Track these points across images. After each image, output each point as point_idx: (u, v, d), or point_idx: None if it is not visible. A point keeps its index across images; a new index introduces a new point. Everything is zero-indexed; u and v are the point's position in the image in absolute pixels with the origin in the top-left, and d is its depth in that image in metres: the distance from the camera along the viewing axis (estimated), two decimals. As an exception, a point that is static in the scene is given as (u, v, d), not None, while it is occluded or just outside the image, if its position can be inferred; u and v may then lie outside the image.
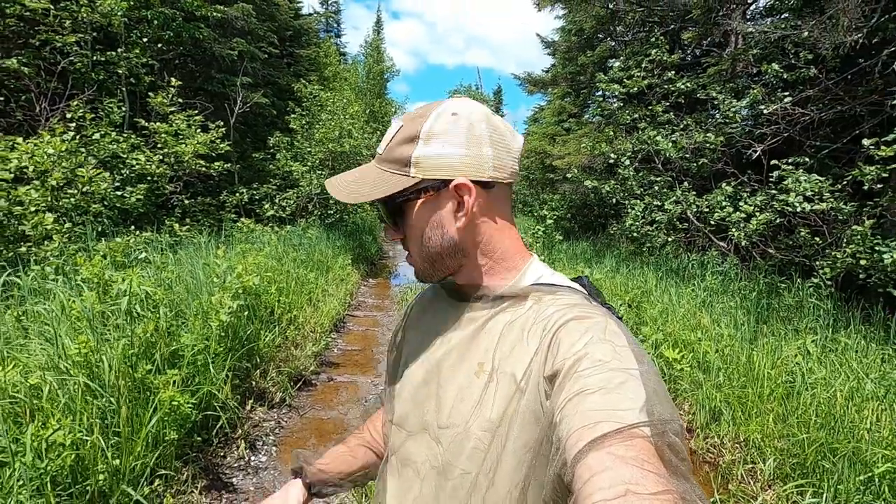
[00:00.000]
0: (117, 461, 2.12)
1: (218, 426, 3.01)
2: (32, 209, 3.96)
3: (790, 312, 4.56)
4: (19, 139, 4.42)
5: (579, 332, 0.57)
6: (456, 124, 0.66)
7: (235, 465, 2.98)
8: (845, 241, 4.52)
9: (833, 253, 4.63)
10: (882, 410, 2.83)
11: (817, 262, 4.84)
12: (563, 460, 0.47)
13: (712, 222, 6.20)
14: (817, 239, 4.88)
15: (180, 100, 6.75)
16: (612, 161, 7.73)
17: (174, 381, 2.52)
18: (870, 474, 2.42)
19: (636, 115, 7.50)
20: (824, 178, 4.76)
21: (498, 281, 0.70)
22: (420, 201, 0.67)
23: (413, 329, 0.82)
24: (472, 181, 0.65)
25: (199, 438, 2.86)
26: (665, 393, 0.51)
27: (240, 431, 3.22)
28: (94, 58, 6.05)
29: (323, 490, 0.91)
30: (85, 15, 5.77)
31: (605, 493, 0.41)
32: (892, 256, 3.99)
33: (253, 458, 3.09)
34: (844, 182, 4.69)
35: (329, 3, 27.11)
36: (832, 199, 4.65)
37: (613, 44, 11.31)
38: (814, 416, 2.99)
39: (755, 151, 6.09)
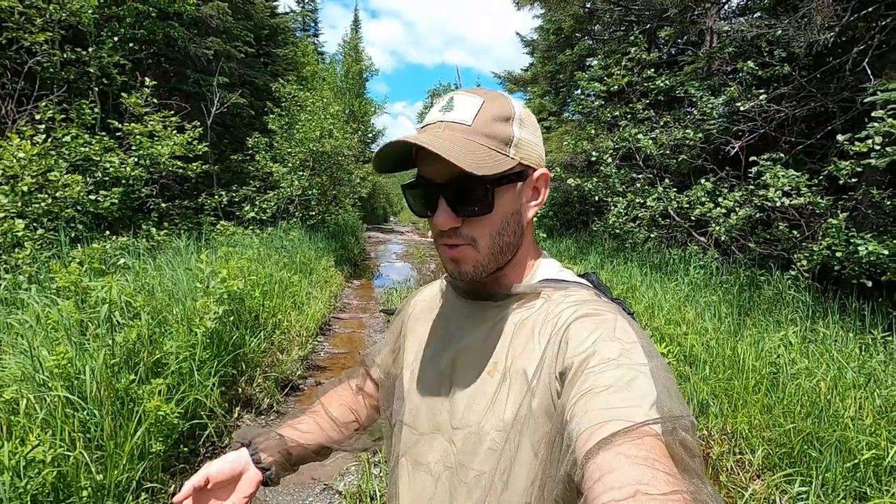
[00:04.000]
0: (101, 476, 2.04)
1: (205, 435, 2.93)
2: (1, 215, 3.79)
3: (771, 304, 4.67)
4: (-15, 142, 4.23)
5: (588, 330, 0.56)
6: (530, 115, 0.67)
7: (224, 474, 2.90)
8: (821, 234, 4.65)
9: (810, 246, 4.75)
10: (864, 398, 2.91)
11: (795, 255, 4.96)
12: (572, 460, 0.47)
13: (693, 218, 6.31)
14: (795, 232, 5.00)
15: (155, 100, 6.56)
16: (593, 158, 7.81)
17: (159, 391, 2.44)
18: (855, 461, 2.49)
19: (616, 113, 7.58)
20: (801, 173, 4.88)
21: (512, 279, 0.69)
22: (510, 185, 0.62)
23: (419, 327, 0.80)
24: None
25: (185, 449, 2.77)
26: (675, 388, 0.50)
27: (227, 440, 3.14)
28: (64, 56, 5.83)
29: (292, 466, 0.85)
30: (54, 12, 5.55)
31: (614, 493, 0.40)
32: (866, 248, 4.11)
33: (242, 466, 3.02)
34: (821, 177, 4.81)
35: (306, 1, 26.77)
36: (809, 194, 4.77)
37: (591, 42, 11.43)
38: (798, 406, 3.06)
39: (733, 148, 6.22)
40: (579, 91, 9.42)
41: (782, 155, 5.30)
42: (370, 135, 26.37)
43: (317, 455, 0.88)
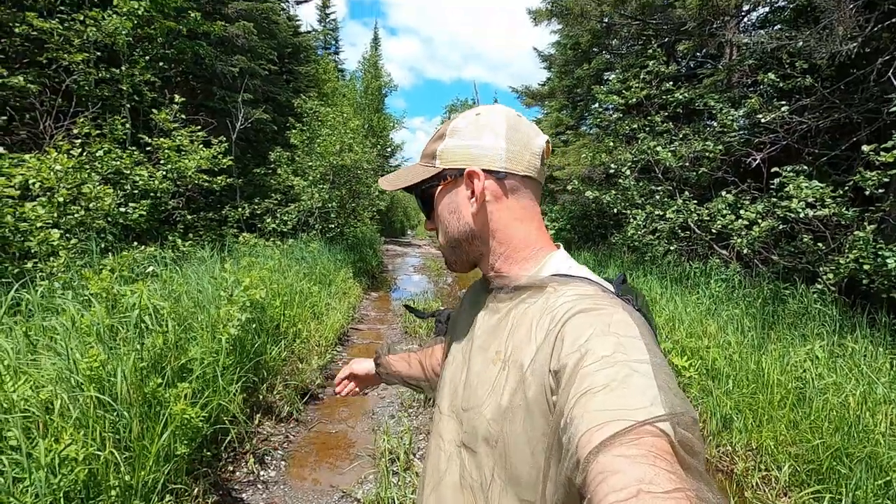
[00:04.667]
0: (129, 476, 2.10)
1: (227, 440, 2.98)
2: (39, 225, 3.95)
3: (796, 318, 4.56)
4: (26, 156, 4.43)
5: (584, 326, 0.56)
6: (476, 122, 0.74)
7: (245, 480, 2.94)
8: (848, 246, 4.54)
9: (836, 258, 4.64)
10: (896, 414, 2.82)
11: (821, 268, 4.85)
12: (573, 463, 0.47)
13: (713, 230, 6.23)
14: (820, 245, 4.90)
15: (183, 116, 6.78)
16: (611, 171, 7.79)
17: (185, 395, 2.50)
18: (887, 478, 2.41)
19: (635, 126, 7.57)
20: (825, 185, 4.80)
21: (518, 271, 0.72)
22: (440, 188, 0.75)
23: (460, 317, 0.87)
24: (484, 170, 0.71)
25: (208, 453, 2.82)
26: (675, 384, 0.50)
27: (248, 446, 3.19)
28: (99, 75, 6.09)
29: (385, 377, 1.20)
30: (90, 34, 5.82)
31: (617, 494, 0.40)
32: (895, 261, 4.01)
33: (262, 472, 3.06)
34: (846, 188, 4.72)
35: (327, 20, 27.45)
36: (834, 205, 4.68)
37: (609, 57, 11.47)
38: (826, 422, 2.98)
39: (755, 160, 6.15)
40: (597, 104, 9.44)
41: (805, 167, 5.22)
42: (389, 149, 26.74)
43: (406, 382, 1.17)
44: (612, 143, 8.05)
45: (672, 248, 6.85)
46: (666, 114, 7.38)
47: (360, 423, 3.85)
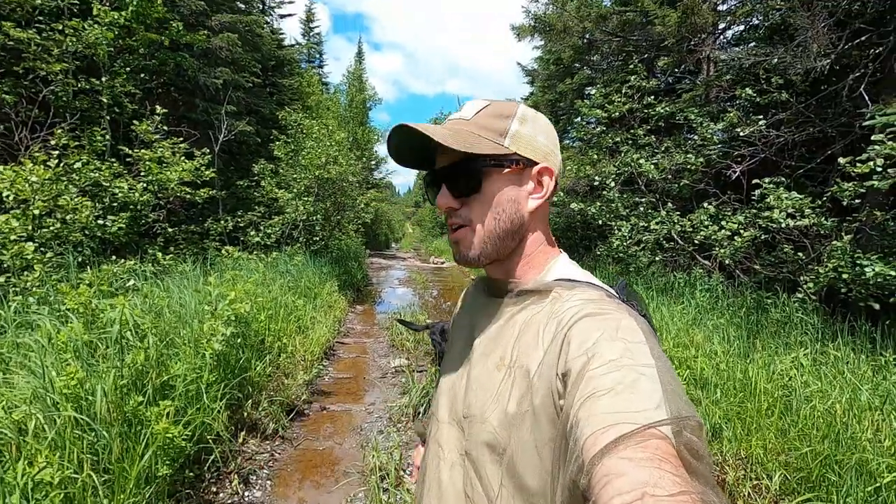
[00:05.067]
0: (108, 500, 2.00)
1: (210, 460, 2.88)
2: (12, 238, 3.82)
3: (779, 327, 4.63)
4: (0, 166, 4.29)
5: (591, 330, 0.56)
6: (537, 119, 0.72)
7: (229, 501, 2.84)
8: (826, 255, 4.65)
9: (816, 268, 4.75)
10: (882, 420, 2.86)
11: (801, 277, 4.96)
12: (578, 466, 0.46)
13: (696, 241, 6.33)
14: (800, 254, 5.01)
15: (165, 128, 6.68)
16: (596, 183, 7.89)
17: (167, 413, 2.41)
18: (876, 485, 2.43)
19: (618, 139, 7.70)
20: (804, 196, 4.92)
21: (526, 276, 0.72)
22: (505, 171, 0.68)
23: (457, 322, 0.85)
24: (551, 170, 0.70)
25: (191, 474, 2.72)
26: (681, 389, 0.50)
27: (233, 465, 3.09)
28: (78, 86, 5.97)
29: None
30: (70, 44, 5.72)
31: (622, 498, 0.40)
32: (873, 269, 4.11)
33: (247, 493, 2.96)
34: (824, 199, 4.85)
35: (311, 34, 27.52)
36: (813, 215, 4.80)
37: (591, 72, 11.71)
38: (814, 429, 3.00)
39: (734, 172, 6.29)
40: (580, 118, 9.59)
41: (783, 179, 5.36)
42: (374, 162, 26.74)
43: None
44: (596, 156, 8.17)
45: (656, 258, 6.94)
46: (648, 127, 7.53)
47: (348, 440, 3.76)
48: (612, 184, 7.48)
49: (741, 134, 6.01)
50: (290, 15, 26.17)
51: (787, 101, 5.76)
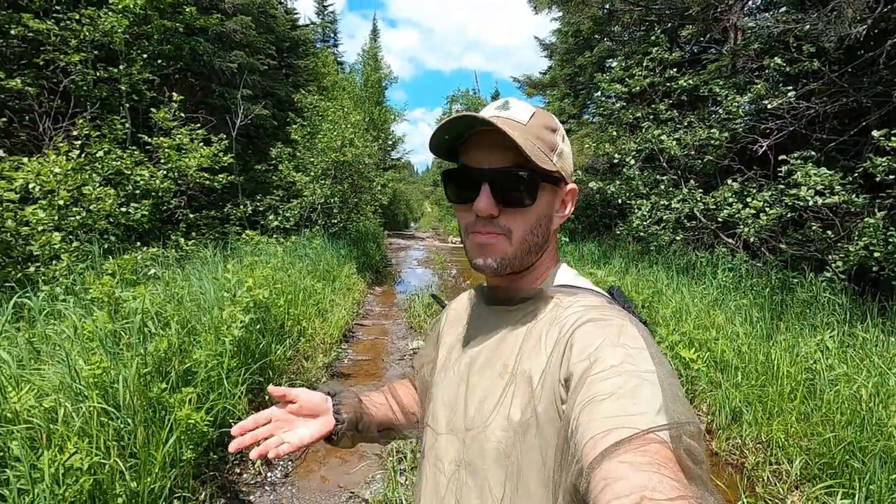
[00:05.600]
0: (135, 483, 2.09)
1: (233, 443, 2.97)
2: (40, 229, 3.94)
3: (805, 308, 4.51)
4: (24, 159, 4.40)
5: (593, 336, 0.57)
6: (565, 137, 0.72)
7: (252, 482, 2.94)
8: (857, 233, 4.47)
9: (845, 246, 4.57)
10: (910, 406, 2.78)
11: (830, 256, 4.79)
12: (578, 469, 0.47)
13: (720, 219, 6.16)
14: (829, 233, 4.83)
15: (182, 114, 6.74)
16: (615, 161, 7.70)
17: (189, 399, 2.49)
18: (902, 472, 2.37)
19: (638, 114, 7.47)
20: (834, 171, 4.71)
21: (529, 285, 0.72)
22: (549, 187, 0.67)
23: (449, 333, 0.84)
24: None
25: (215, 456, 2.82)
26: (681, 395, 0.51)
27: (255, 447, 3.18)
28: (97, 75, 6.05)
29: (358, 432, 0.83)
30: (87, 34, 5.77)
31: (620, 501, 0.40)
32: (907, 248, 3.94)
33: (269, 474, 3.05)
34: (856, 174, 4.64)
35: (325, 13, 27.20)
36: (843, 192, 4.60)
37: (611, 44, 11.32)
38: (838, 414, 2.94)
39: (761, 147, 6.05)
40: (599, 93, 9.32)
41: (813, 153, 5.14)
42: (391, 142, 26.60)
43: (378, 432, 0.89)
44: (615, 133, 7.95)
45: (678, 237, 6.79)
46: (670, 101, 7.28)
47: (367, 422, 3.84)
48: (632, 161, 7.29)
49: (769, 106, 5.75)
50: (303, -7, 25.85)
51: (819, 71, 5.47)
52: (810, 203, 4.72)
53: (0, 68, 5.11)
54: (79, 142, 5.16)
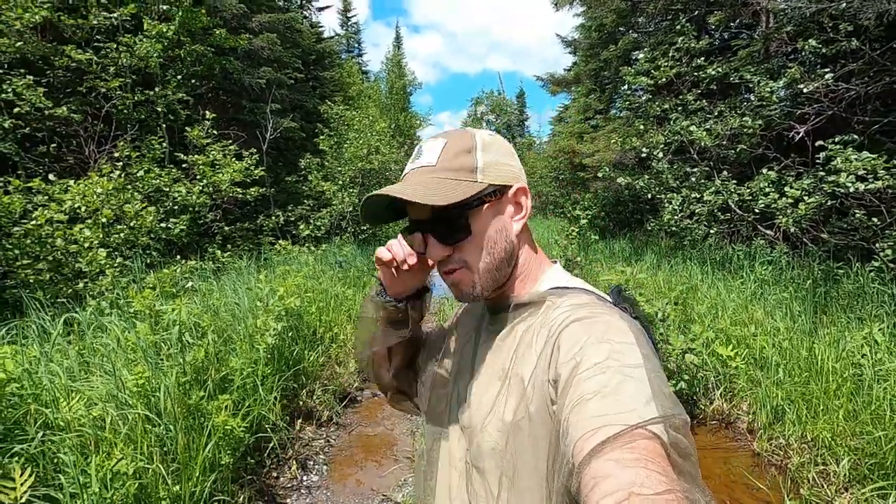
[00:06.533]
0: (177, 487, 2.19)
1: (270, 447, 3.07)
2: (86, 246, 4.18)
3: (851, 300, 4.29)
4: (71, 181, 4.68)
5: (578, 335, 0.57)
6: (497, 141, 0.72)
7: (289, 485, 3.02)
8: (906, 219, 4.23)
9: (894, 233, 4.33)
10: (968, 402, 2.61)
11: (877, 245, 4.54)
12: (568, 470, 0.48)
13: (756, 210, 5.93)
14: (875, 220, 4.58)
15: (215, 131, 7.02)
16: (644, 155, 7.53)
17: (226, 406, 2.59)
18: (960, 473, 2.23)
19: (666, 106, 7.28)
20: (877, 155, 4.47)
21: (523, 290, 0.73)
22: (486, 206, 0.68)
23: (457, 331, 0.87)
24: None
25: (252, 461, 2.92)
26: (668, 388, 0.51)
27: (290, 452, 3.28)
28: (135, 98, 6.38)
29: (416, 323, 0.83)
30: (124, 60, 6.09)
31: (609, 499, 0.41)
32: (962, 233, 3.70)
33: (305, 477, 3.13)
34: (901, 157, 4.39)
35: (349, 24, 27.74)
36: (888, 177, 4.36)
37: (636, 36, 11.08)
38: (889, 412, 2.78)
39: (797, 133, 5.80)
40: (626, 87, 9.14)
41: (855, 136, 4.88)
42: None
43: (409, 341, 0.85)
44: (642, 126, 7.78)
45: (712, 231, 6.57)
46: (699, 91, 7.06)
47: (399, 425, 3.89)
48: (661, 154, 7.11)
49: (804, 91, 5.50)
50: (327, 7, 26.48)
51: (859, 50, 5.21)
52: (851, 190, 4.49)
53: (48, 97, 5.47)
54: (120, 163, 5.45)
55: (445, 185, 0.65)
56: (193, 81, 7.73)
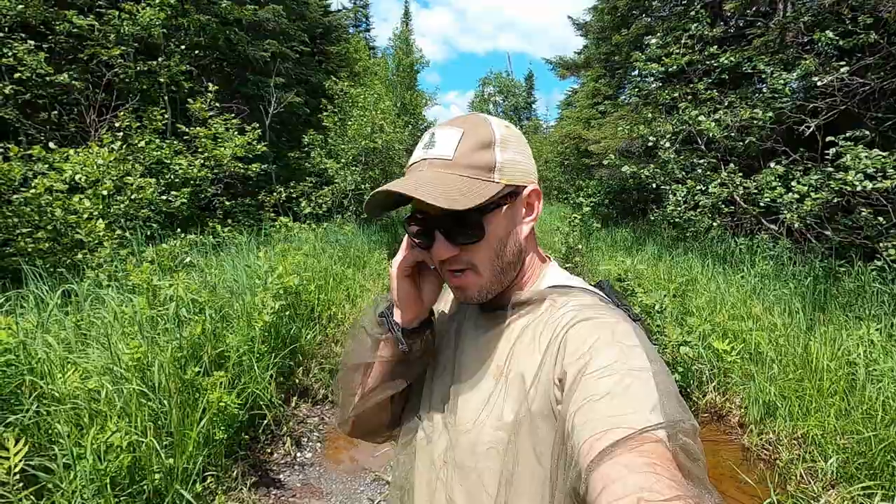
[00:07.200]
0: (171, 461, 2.21)
1: (264, 424, 3.10)
2: (86, 217, 4.16)
3: (851, 298, 4.28)
4: (71, 151, 4.64)
5: (586, 335, 0.57)
6: (514, 133, 0.68)
7: (282, 461, 3.07)
8: (913, 220, 4.19)
9: (899, 233, 4.30)
10: (960, 406, 2.61)
11: (881, 244, 4.51)
12: (576, 472, 0.47)
13: (762, 204, 5.87)
14: (880, 219, 4.54)
15: (217, 104, 6.93)
16: (651, 144, 7.43)
17: (221, 383, 2.60)
18: (947, 476, 2.24)
19: (676, 95, 7.15)
20: (887, 154, 4.40)
21: (521, 288, 0.71)
22: (503, 209, 0.65)
23: (447, 328, 0.83)
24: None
25: (246, 437, 2.95)
26: (676, 392, 0.51)
27: (285, 428, 3.31)
28: (137, 68, 6.28)
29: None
30: (127, 28, 5.98)
31: (618, 503, 0.41)
32: (968, 236, 3.66)
33: (299, 454, 3.18)
34: (912, 156, 4.32)
35: (357, -3, 27.16)
36: (897, 176, 4.30)
37: (649, 20, 10.83)
38: (881, 412, 2.79)
39: (808, 127, 5.71)
40: (636, 73, 8.98)
41: (867, 133, 4.80)
42: (423, 125, 26.53)
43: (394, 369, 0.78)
44: (650, 115, 7.66)
45: (715, 223, 6.53)
46: (710, 80, 6.93)
47: (393, 406, 3.93)
48: (668, 144, 7.02)
49: (818, 84, 5.39)
50: (335, -22, 25.87)
51: (877, 43, 5.08)
52: (858, 188, 4.44)
53: (49, 64, 5.38)
54: (121, 133, 5.39)
55: (464, 184, 0.61)
56: (197, 52, 7.61)
